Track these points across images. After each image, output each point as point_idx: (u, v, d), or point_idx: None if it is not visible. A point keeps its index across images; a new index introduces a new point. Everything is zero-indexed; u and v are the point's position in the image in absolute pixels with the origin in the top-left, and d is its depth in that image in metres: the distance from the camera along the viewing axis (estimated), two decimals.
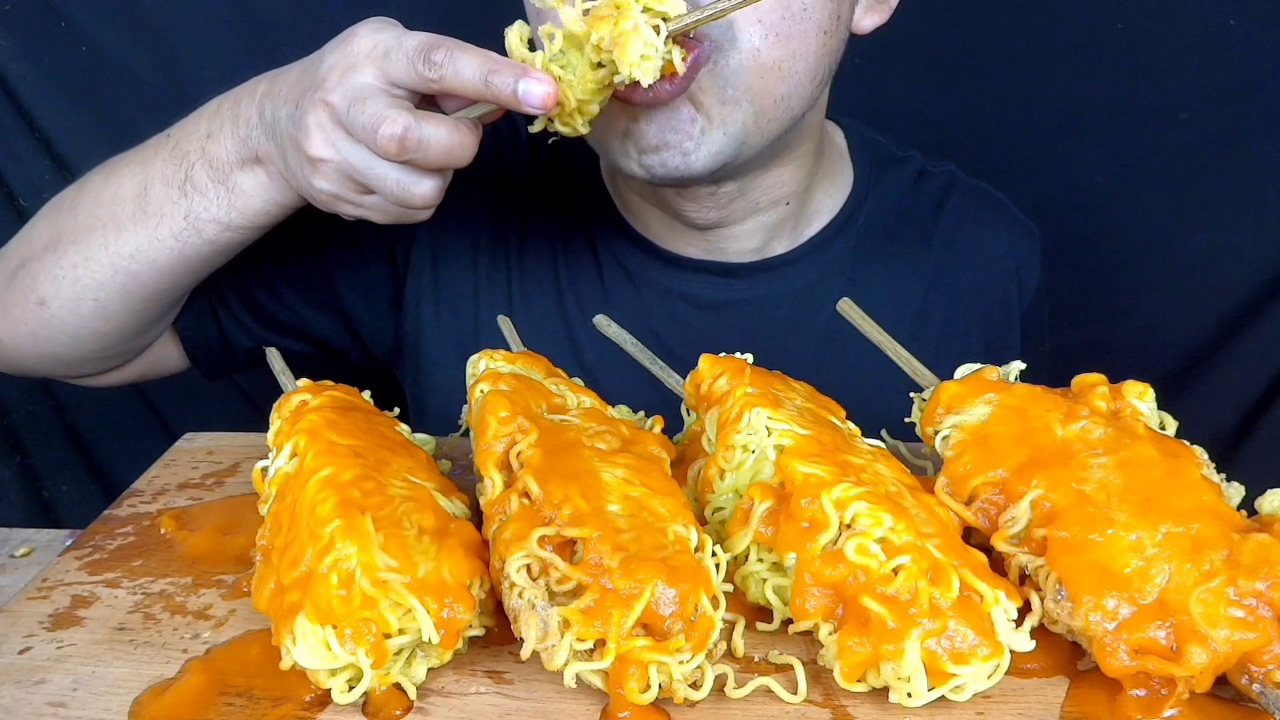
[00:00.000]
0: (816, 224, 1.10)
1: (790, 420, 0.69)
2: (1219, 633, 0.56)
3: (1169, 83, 1.40)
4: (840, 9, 0.90)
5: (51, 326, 0.97)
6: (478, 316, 1.09)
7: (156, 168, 0.92)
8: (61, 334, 0.98)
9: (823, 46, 0.90)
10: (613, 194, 1.09)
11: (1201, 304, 1.49)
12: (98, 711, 0.59)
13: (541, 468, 0.64)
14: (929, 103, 1.43)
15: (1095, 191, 1.47)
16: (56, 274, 0.95)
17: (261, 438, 0.74)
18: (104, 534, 0.77)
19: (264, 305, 1.07)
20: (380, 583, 0.57)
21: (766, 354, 0.78)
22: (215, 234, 0.90)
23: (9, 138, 1.44)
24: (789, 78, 0.88)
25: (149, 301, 0.96)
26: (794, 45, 0.87)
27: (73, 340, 0.99)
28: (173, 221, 0.90)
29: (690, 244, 1.07)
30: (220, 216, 0.89)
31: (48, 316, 0.96)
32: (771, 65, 0.87)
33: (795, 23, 0.86)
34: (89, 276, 0.93)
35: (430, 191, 0.79)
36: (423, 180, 0.78)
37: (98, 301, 0.95)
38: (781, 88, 0.88)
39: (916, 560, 0.59)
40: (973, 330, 1.13)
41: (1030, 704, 0.59)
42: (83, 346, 1.00)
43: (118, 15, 1.40)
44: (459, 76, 0.76)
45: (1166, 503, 0.61)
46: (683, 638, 0.57)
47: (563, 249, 1.09)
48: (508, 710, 0.59)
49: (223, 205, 0.89)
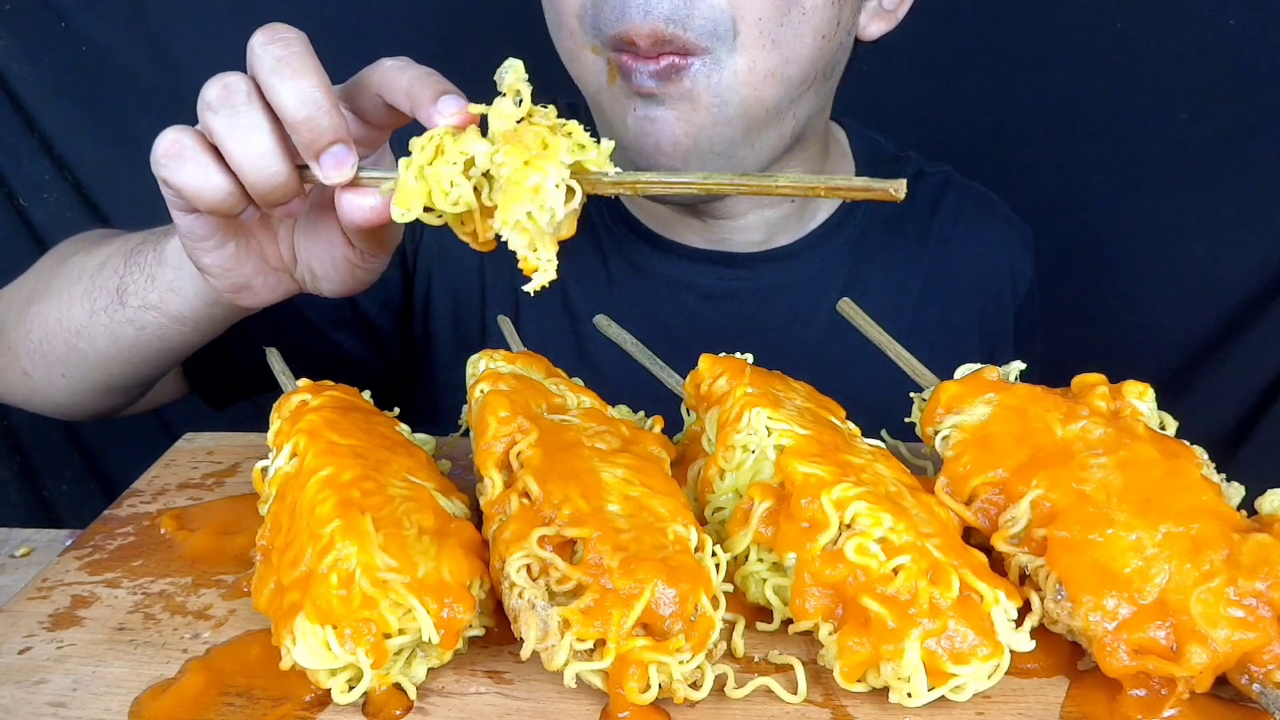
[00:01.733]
0: (819, 217, 1.11)
1: (790, 420, 0.69)
2: (1219, 633, 0.56)
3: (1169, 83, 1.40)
4: (841, 14, 0.90)
5: (38, 394, 0.98)
6: (484, 316, 1.09)
7: (119, 243, 0.91)
8: (49, 402, 0.99)
9: (819, 51, 0.90)
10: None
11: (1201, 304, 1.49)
12: (98, 711, 0.59)
13: (541, 468, 0.64)
14: (929, 103, 1.44)
15: (1095, 191, 1.47)
16: (29, 345, 0.94)
17: (261, 438, 0.74)
18: (104, 534, 0.77)
19: (291, 335, 1.06)
20: (380, 583, 0.57)
21: (770, 344, 0.79)
22: (140, 313, 0.86)
23: (9, 138, 1.44)
24: (782, 83, 0.89)
25: (113, 379, 0.94)
26: (788, 50, 0.87)
27: (60, 409, 1.00)
28: (107, 295, 0.88)
29: (695, 233, 1.08)
30: (145, 293, 0.86)
31: (33, 385, 0.97)
32: (765, 73, 0.87)
33: (792, 28, 0.86)
34: (53, 353, 0.93)
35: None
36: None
37: (66, 379, 0.94)
38: (772, 95, 0.89)
39: (916, 560, 0.59)
40: (968, 324, 1.15)
41: (1030, 704, 0.59)
42: (70, 412, 1.01)
43: (118, 15, 1.40)
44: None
45: (1166, 503, 0.61)
46: (683, 638, 0.57)
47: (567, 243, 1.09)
48: (508, 710, 0.59)
49: (148, 275, 0.85)
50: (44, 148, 1.45)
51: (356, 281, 0.80)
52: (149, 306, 0.86)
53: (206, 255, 0.76)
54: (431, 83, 0.67)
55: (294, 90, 0.65)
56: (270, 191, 0.68)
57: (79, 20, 1.40)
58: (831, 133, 1.13)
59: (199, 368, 1.07)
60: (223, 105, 0.67)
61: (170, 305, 0.86)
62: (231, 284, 0.78)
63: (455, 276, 1.10)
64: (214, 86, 0.67)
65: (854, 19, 0.95)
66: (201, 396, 1.11)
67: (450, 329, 1.10)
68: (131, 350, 0.90)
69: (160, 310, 0.86)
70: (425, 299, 1.11)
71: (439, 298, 1.10)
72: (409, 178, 0.65)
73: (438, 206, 0.65)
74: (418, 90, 0.67)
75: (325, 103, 0.65)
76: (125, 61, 1.41)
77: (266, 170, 0.67)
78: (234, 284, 0.78)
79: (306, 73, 0.65)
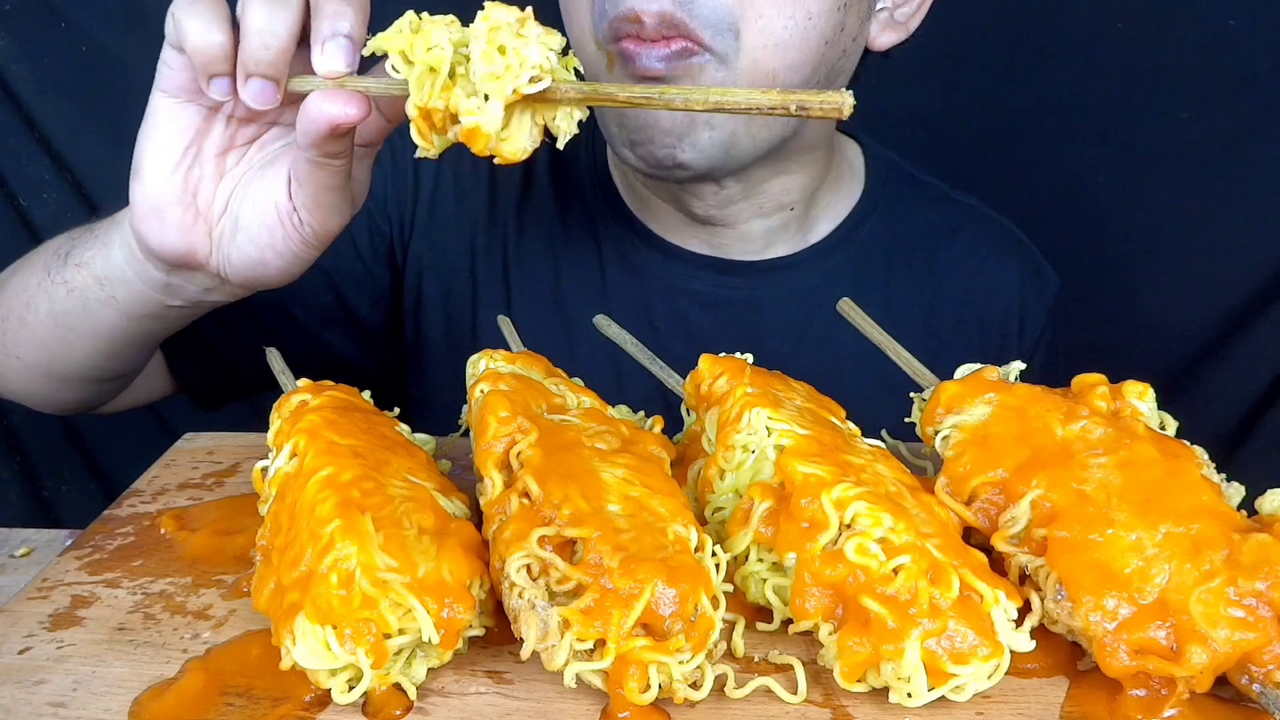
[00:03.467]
0: (819, 231, 1.10)
1: (790, 420, 0.69)
2: (1219, 633, 0.56)
3: (1169, 83, 1.40)
4: (846, 20, 0.89)
5: (4, 381, 0.97)
6: (476, 315, 1.09)
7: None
8: (12, 388, 0.98)
9: (822, 57, 0.89)
10: (619, 183, 1.09)
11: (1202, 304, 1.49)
12: (98, 711, 0.59)
13: (541, 468, 0.64)
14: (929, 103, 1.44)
15: (1095, 191, 1.47)
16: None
17: (261, 438, 0.74)
18: (104, 534, 0.77)
19: (280, 334, 1.04)
20: (380, 583, 0.57)
21: (764, 355, 0.78)
22: (73, 272, 0.84)
23: (9, 138, 1.44)
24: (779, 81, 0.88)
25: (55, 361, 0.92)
26: (792, 55, 0.87)
27: (26, 396, 0.99)
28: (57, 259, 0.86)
29: (693, 237, 1.07)
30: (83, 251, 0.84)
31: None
32: (767, 75, 0.87)
33: (798, 31, 0.86)
34: (8, 331, 0.92)
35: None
36: None
37: (20, 360, 0.93)
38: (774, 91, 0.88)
39: (916, 560, 0.59)
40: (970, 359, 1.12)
41: (1030, 704, 0.59)
42: (39, 402, 1.00)
43: (118, 15, 1.40)
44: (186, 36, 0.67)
45: (1166, 503, 0.61)
46: (683, 638, 0.57)
47: (564, 238, 1.09)
48: (508, 710, 0.59)
49: (93, 236, 0.84)
50: (44, 148, 1.45)
51: (275, 245, 0.75)
52: (81, 264, 0.84)
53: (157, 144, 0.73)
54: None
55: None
56: (259, 58, 0.67)
57: (79, 20, 1.40)
58: (840, 148, 1.12)
59: (186, 367, 1.07)
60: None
61: (96, 263, 0.83)
62: (152, 198, 0.74)
63: (447, 275, 1.09)
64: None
65: (860, 28, 0.94)
66: (190, 397, 1.11)
67: (442, 328, 1.10)
68: (63, 320, 0.87)
69: (87, 269, 0.83)
70: (416, 298, 1.10)
71: (430, 297, 1.10)
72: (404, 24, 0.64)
73: (415, 56, 0.63)
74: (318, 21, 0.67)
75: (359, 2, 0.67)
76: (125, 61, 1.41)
77: (271, 35, 0.67)
78: (154, 199, 0.74)
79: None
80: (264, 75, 0.68)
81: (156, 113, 0.74)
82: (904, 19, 0.98)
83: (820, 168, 1.06)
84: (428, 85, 0.63)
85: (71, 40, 1.40)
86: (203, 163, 0.75)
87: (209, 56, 0.68)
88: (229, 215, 0.76)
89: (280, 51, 0.67)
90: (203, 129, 0.74)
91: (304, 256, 0.77)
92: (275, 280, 0.79)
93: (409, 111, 0.65)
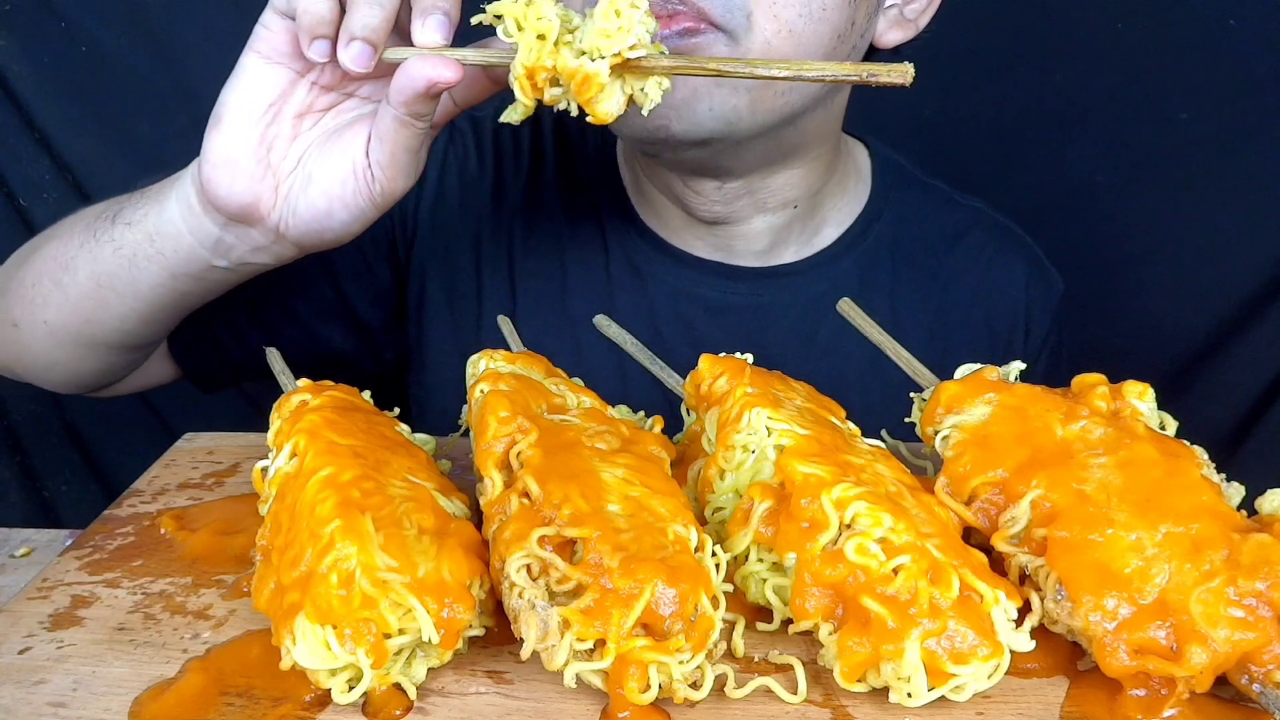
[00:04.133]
0: (825, 236, 1.10)
1: (790, 420, 0.69)
2: (1219, 633, 0.56)
3: (1169, 83, 1.40)
4: (857, 15, 0.89)
5: (25, 349, 0.97)
6: (480, 316, 1.09)
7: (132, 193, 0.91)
8: (33, 359, 0.98)
9: (833, 50, 0.89)
10: (627, 183, 1.09)
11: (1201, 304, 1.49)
12: (98, 711, 0.59)
13: (541, 468, 0.64)
14: (928, 103, 1.44)
15: (1095, 191, 1.47)
16: (23, 291, 0.94)
17: (261, 438, 0.74)
18: (104, 534, 0.77)
19: (278, 325, 1.06)
20: (380, 583, 0.57)
21: (770, 362, 0.78)
22: (122, 231, 0.86)
23: (9, 138, 1.44)
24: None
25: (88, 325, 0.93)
26: (804, 45, 0.86)
27: (45, 368, 0.99)
28: (102, 221, 0.88)
29: (699, 239, 1.07)
30: (132, 212, 0.86)
31: (19, 338, 0.96)
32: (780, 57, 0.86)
33: (811, 21, 0.85)
34: (40, 295, 0.92)
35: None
36: None
37: (48, 325, 0.93)
38: (784, 83, 0.88)
39: (916, 560, 0.59)
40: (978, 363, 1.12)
41: (1030, 704, 0.59)
42: (56, 374, 1.00)
43: (118, 15, 1.40)
44: None
45: (1166, 503, 0.61)
46: (683, 638, 0.57)
47: (570, 239, 1.09)
48: (508, 710, 0.59)
49: (144, 197, 0.86)
50: (44, 148, 1.45)
51: (344, 198, 0.79)
52: (131, 222, 0.86)
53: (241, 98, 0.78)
54: None
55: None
56: (366, 23, 0.72)
57: (79, 20, 1.40)
58: (847, 149, 1.11)
59: (186, 350, 1.07)
60: None
61: (150, 220, 0.85)
62: (229, 147, 0.78)
63: (451, 277, 1.09)
64: None
65: (869, 23, 0.93)
66: (189, 379, 1.11)
67: (447, 330, 1.10)
68: (106, 279, 0.88)
69: (138, 226, 0.86)
70: (419, 297, 1.10)
71: (434, 298, 1.10)
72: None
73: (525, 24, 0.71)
74: None
75: None
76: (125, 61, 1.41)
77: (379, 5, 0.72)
78: (230, 149, 0.78)
79: None
80: (366, 39, 0.73)
81: (247, 70, 0.78)
82: (914, 15, 0.98)
83: (824, 167, 1.05)
84: (536, 48, 0.71)
85: (71, 40, 1.40)
86: (281, 121, 0.79)
87: (317, 18, 0.73)
88: (301, 170, 0.80)
89: (385, 20, 0.73)
90: (286, 91, 0.79)
91: (367, 214, 0.81)
92: (333, 236, 0.82)
93: (515, 71, 0.72)
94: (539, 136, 1.12)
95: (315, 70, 0.78)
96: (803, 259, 1.09)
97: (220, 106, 0.79)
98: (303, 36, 0.74)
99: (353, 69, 0.73)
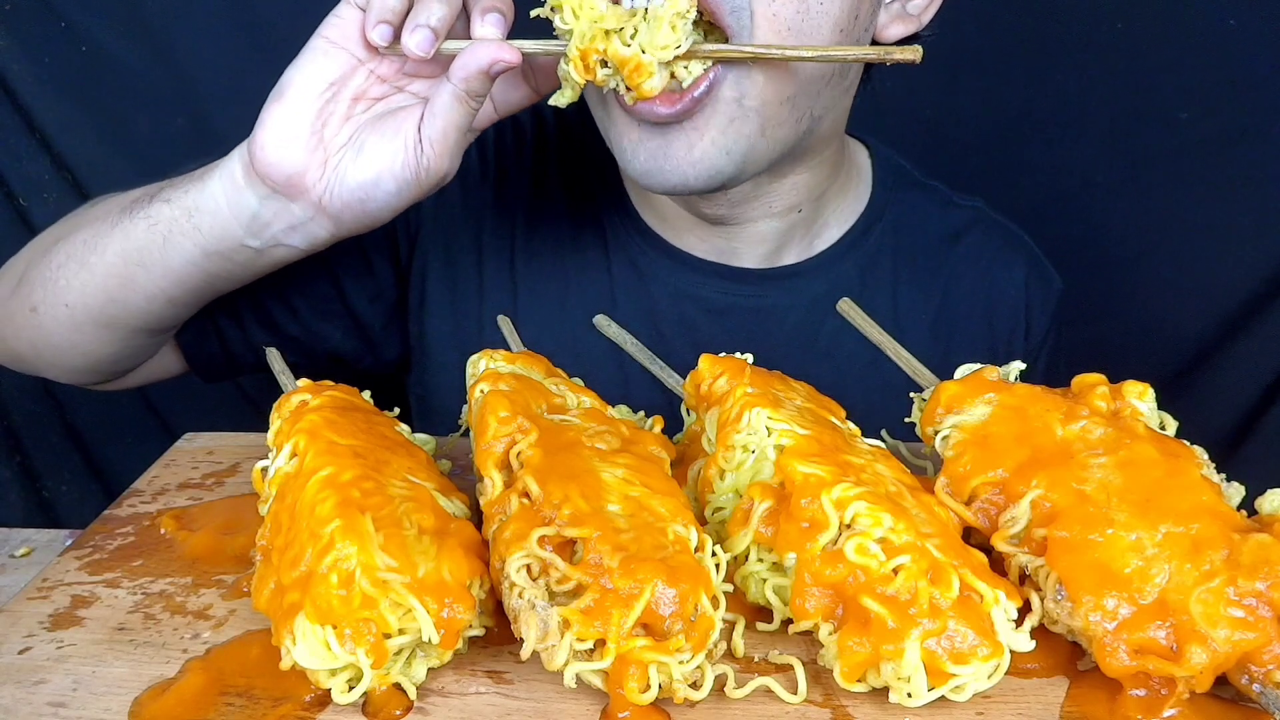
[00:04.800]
0: (827, 237, 1.10)
1: (790, 420, 0.69)
2: (1219, 633, 0.56)
3: (1169, 83, 1.40)
4: (859, 9, 0.88)
5: (42, 334, 0.97)
6: (482, 315, 1.08)
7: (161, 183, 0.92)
8: (49, 345, 0.98)
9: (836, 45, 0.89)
10: (629, 187, 1.09)
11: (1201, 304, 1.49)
12: (98, 711, 0.59)
13: (541, 468, 0.64)
14: (928, 103, 1.43)
15: (1095, 191, 1.47)
16: (46, 275, 0.94)
17: (261, 438, 0.74)
18: (104, 534, 0.77)
19: (278, 321, 1.06)
20: (380, 583, 0.57)
21: (772, 363, 0.78)
22: (159, 207, 0.89)
23: (9, 138, 1.44)
24: (798, 77, 0.87)
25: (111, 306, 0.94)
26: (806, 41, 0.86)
27: (61, 353, 0.99)
28: (142, 202, 0.90)
29: (702, 240, 1.07)
30: (173, 190, 0.89)
31: (38, 323, 0.96)
32: (782, 64, 0.86)
33: (810, 18, 0.84)
34: (63, 278, 0.93)
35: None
36: None
37: (69, 308, 0.94)
38: (790, 88, 0.87)
39: (916, 560, 0.59)
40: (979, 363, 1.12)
41: (1030, 704, 0.59)
42: (71, 359, 1.00)
43: (118, 15, 1.40)
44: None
45: (1166, 503, 0.61)
46: (683, 638, 0.57)
47: (573, 240, 1.09)
48: (508, 710, 0.59)
49: (189, 178, 0.89)
50: (44, 148, 1.45)
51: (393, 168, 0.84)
52: (169, 200, 0.89)
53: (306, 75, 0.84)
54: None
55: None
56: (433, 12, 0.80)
57: (79, 20, 1.40)
58: (848, 150, 1.11)
59: (189, 339, 1.07)
60: None
61: (190, 195, 0.88)
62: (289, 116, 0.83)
63: (453, 275, 1.09)
64: None
65: (871, 18, 0.93)
66: (192, 368, 1.11)
67: (448, 331, 1.10)
68: (136, 255, 0.90)
69: (176, 203, 0.89)
70: (421, 296, 1.10)
71: (436, 296, 1.10)
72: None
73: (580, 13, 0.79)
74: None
75: None
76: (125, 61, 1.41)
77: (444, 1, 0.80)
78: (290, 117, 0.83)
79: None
80: (431, 28, 0.79)
81: (315, 50, 0.84)
82: (916, 11, 0.97)
83: (829, 169, 1.05)
84: (592, 33, 0.79)
85: (71, 40, 1.40)
86: (339, 100, 0.85)
87: (387, 7, 0.81)
88: (353, 144, 0.85)
89: (449, 15, 0.80)
90: (347, 74, 0.85)
91: (411, 189, 0.85)
92: (376, 208, 0.86)
93: (570, 53, 0.80)
94: (542, 137, 1.12)
95: (375, 59, 0.84)
96: (803, 260, 1.09)
97: (283, 82, 0.84)
98: (370, 19, 0.81)
99: (415, 53, 0.80)
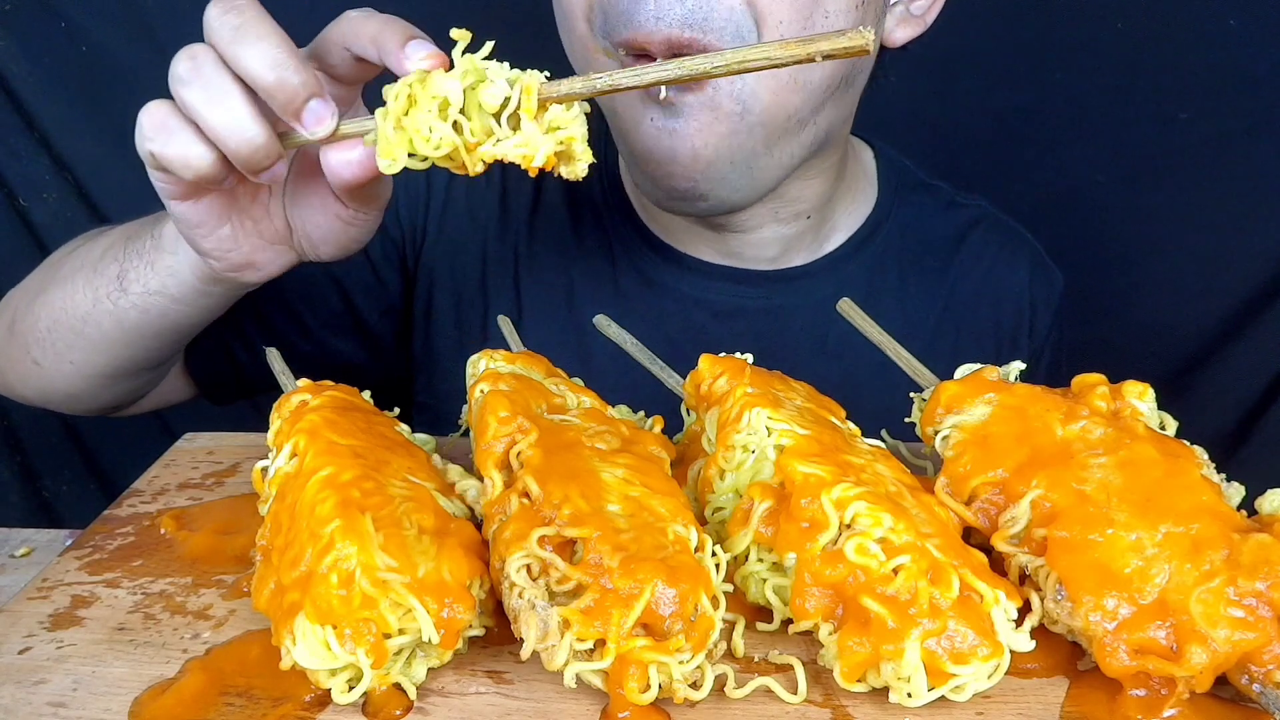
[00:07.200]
0: (835, 239, 1.10)
1: (790, 420, 0.69)
2: (1219, 633, 0.56)
3: (1169, 83, 1.40)
4: (865, 17, 0.88)
5: (47, 384, 0.98)
6: (485, 325, 1.08)
7: (118, 232, 0.92)
8: (58, 393, 0.99)
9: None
10: (631, 196, 1.09)
11: (1201, 304, 1.49)
12: (98, 711, 0.59)
13: (541, 468, 0.64)
14: (929, 103, 1.43)
15: (1095, 191, 1.47)
16: (38, 335, 0.95)
17: (261, 438, 0.74)
18: (104, 534, 0.77)
19: (292, 341, 1.06)
20: (380, 583, 0.57)
21: (780, 365, 0.78)
22: (143, 299, 0.87)
23: (9, 138, 1.44)
24: (804, 89, 0.87)
25: (119, 362, 0.94)
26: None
27: (71, 399, 1.00)
28: (109, 283, 0.88)
29: (708, 246, 1.06)
30: (146, 280, 0.87)
31: (42, 375, 0.97)
32: (788, 78, 0.85)
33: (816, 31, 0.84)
34: (60, 341, 0.93)
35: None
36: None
37: (74, 365, 0.94)
38: (795, 100, 0.87)
39: (916, 560, 0.59)
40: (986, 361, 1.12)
41: (1030, 704, 0.59)
42: (81, 403, 1.01)
43: (118, 15, 1.40)
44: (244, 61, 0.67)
45: (1166, 503, 0.61)
46: (683, 638, 0.57)
47: (577, 249, 1.09)
48: (508, 710, 0.59)
49: (148, 262, 0.87)
50: (44, 148, 1.45)
51: (352, 240, 0.82)
52: (151, 292, 0.87)
53: (205, 240, 0.78)
54: (397, 29, 0.68)
55: (258, 55, 0.66)
56: (251, 155, 0.68)
57: (79, 20, 1.40)
58: (854, 150, 1.11)
59: (199, 364, 1.07)
60: (194, 77, 0.68)
61: (171, 288, 0.87)
62: (232, 264, 0.80)
63: (458, 286, 1.09)
64: (182, 60, 0.69)
65: (877, 25, 0.92)
66: (203, 392, 1.11)
67: (453, 339, 1.10)
68: (137, 331, 0.90)
69: (162, 294, 0.87)
70: (426, 306, 1.10)
71: (441, 307, 1.10)
72: (388, 128, 0.66)
73: (421, 152, 0.66)
74: (385, 38, 0.68)
75: (291, 61, 0.66)
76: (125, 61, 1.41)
77: (244, 135, 0.68)
78: (235, 264, 0.80)
79: (266, 35, 0.66)
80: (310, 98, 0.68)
81: (180, 218, 0.78)
82: (920, 12, 0.97)
83: (836, 172, 1.05)
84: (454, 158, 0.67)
85: (71, 40, 1.40)
86: (245, 213, 0.80)
87: (213, 172, 0.70)
88: (299, 233, 0.82)
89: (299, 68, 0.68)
90: (228, 201, 0.78)
91: (376, 223, 0.82)
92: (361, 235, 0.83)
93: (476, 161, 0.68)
94: None
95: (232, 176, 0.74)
96: (811, 261, 1.09)
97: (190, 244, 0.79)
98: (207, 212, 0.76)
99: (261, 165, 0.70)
